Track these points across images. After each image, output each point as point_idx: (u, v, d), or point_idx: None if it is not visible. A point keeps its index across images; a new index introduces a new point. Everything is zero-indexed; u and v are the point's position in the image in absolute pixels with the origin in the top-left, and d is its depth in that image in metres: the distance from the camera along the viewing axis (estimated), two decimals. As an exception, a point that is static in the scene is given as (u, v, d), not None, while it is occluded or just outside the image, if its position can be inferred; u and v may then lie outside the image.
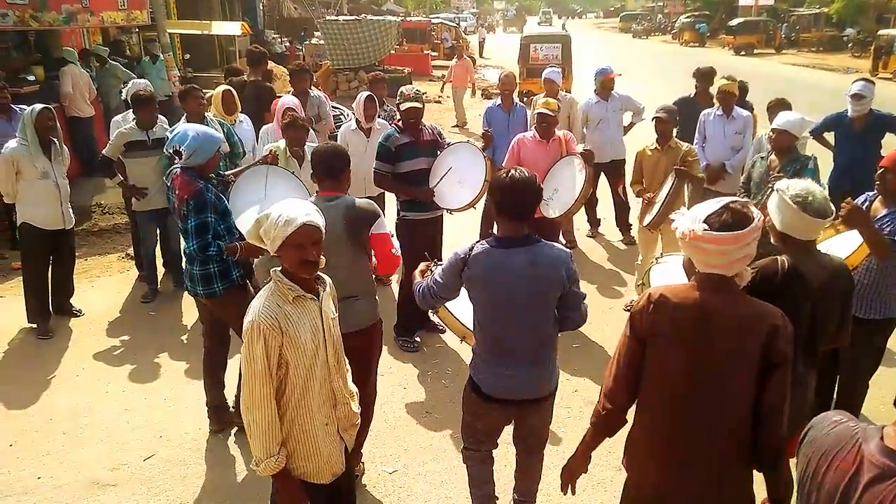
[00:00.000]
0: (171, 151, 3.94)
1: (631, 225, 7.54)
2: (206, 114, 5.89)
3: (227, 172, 4.80)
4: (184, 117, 5.79)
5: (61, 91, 9.59)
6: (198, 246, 3.79)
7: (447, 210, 5.20)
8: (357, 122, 6.12)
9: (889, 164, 3.57)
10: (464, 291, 3.02)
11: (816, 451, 1.62)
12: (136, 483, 3.87)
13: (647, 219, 5.39)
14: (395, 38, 20.00)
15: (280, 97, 6.35)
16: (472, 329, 3.19)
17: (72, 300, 6.00)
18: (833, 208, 2.83)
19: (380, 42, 18.42)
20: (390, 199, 5.99)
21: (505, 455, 3.54)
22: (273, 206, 2.47)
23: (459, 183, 5.06)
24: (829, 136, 6.49)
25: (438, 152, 5.21)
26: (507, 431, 3.28)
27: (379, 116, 6.24)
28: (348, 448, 2.78)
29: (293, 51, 22.91)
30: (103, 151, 5.92)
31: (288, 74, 7.34)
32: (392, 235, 3.60)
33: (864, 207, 3.68)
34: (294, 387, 2.49)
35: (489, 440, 3.26)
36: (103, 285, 6.61)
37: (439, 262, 3.40)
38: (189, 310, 5.98)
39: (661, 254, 3.84)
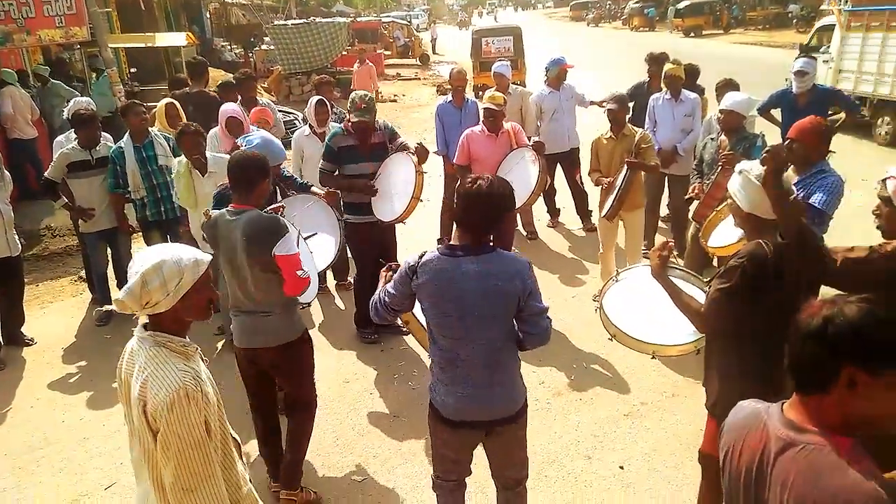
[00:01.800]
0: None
1: (591, 212, 7.58)
2: (150, 129, 5.75)
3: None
4: (127, 134, 5.64)
5: (1, 113, 9.30)
6: None
7: (378, 220, 5.06)
8: (310, 127, 6.04)
9: (795, 134, 3.80)
10: None
11: (731, 436, 1.66)
12: (98, 513, 3.76)
13: (604, 209, 5.39)
14: (346, 39, 19.84)
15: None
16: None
17: (23, 329, 5.80)
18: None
19: (330, 44, 18.30)
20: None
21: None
22: (149, 255, 2.06)
23: (396, 195, 4.98)
24: (777, 114, 6.63)
25: (388, 155, 5.14)
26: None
27: (329, 120, 6.17)
28: None
29: (245, 58, 22.59)
30: (46, 174, 5.75)
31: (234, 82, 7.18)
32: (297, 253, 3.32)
33: None
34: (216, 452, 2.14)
35: (458, 468, 3.02)
36: (56, 311, 6.42)
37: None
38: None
39: (618, 272, 3.77)
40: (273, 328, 3.40)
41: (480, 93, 11.70)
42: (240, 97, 6.81)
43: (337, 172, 5.04)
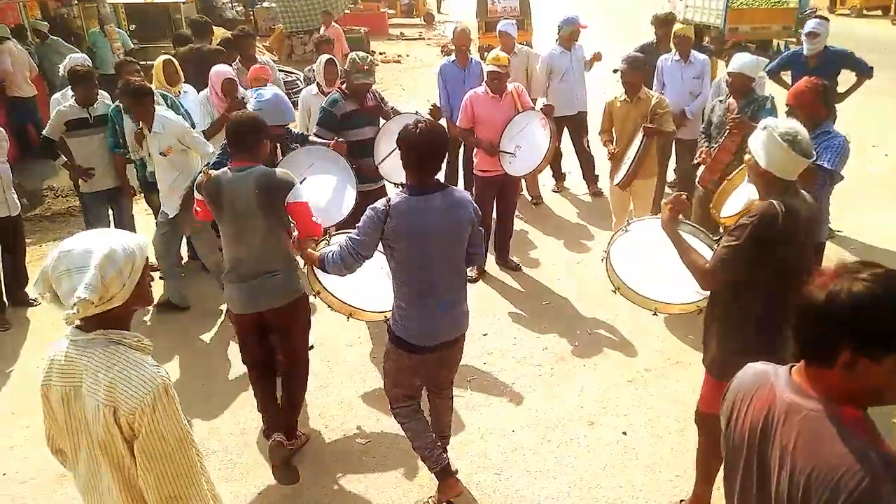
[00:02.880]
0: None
1: (597, 177, 7.49)
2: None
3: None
4: None
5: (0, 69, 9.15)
6: None
7: (395, 184, 4.98)
8: (318, 86, 5.93)
9: (791, 99, 3.95)
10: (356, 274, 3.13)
11: (737, 395, 1.64)
12: (104, 473, 3.78)
13: (617, 177, 5.28)
14: (349, -3, 19.44)
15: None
16: (356, 306, 3.40)
17: (27, 289, 5.80)
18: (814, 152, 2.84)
19: (333, 2, 17.91)
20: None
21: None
22: (90, 245, 1.82)
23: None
24: (787, 76, 6.47)
25: (382, 120, 5.11)
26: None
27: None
28: None
29: (247, 16, 22.17)
30: (44, 132, 5.66)
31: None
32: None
33: None
34: None
35: (417, 392, 3.38)
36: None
37: (333, 234, 3.39)
38: (154, 289, 5.83)
39: (628, 222, 3.79)
40: (280, 287, 3.47)
41: (485, 53, 11.46)
42: (238, 55, 6.69)
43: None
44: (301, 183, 3.62)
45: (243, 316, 3.54)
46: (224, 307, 5.23)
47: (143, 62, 7.38)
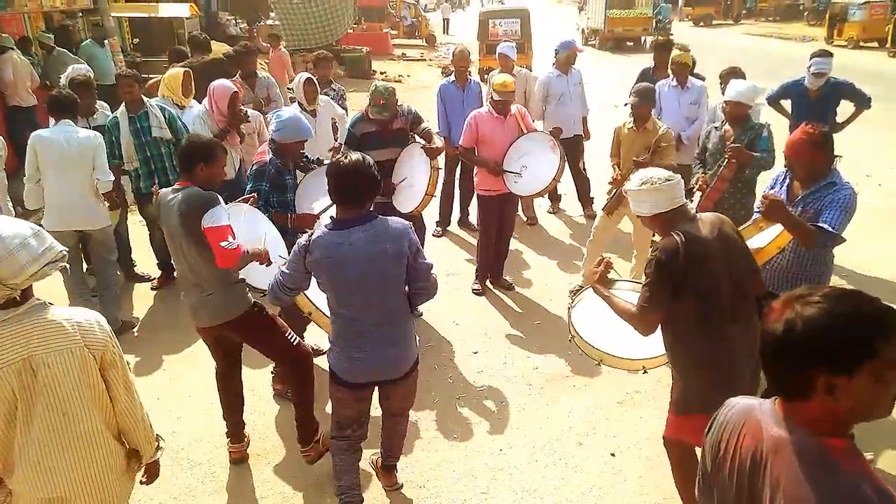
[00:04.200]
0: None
1: (592, 199, 7.52)
2: (145, 100, 5.68)
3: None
4: (122, 104, 5.58)
5: (2, 79, 9.19)
6: None
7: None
8: (300, 104, 5.95)
9: (787, 152, 3.55)
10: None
11: (724, 428, 1.62)
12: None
13: (606, 203, 5.33)
14: (352, 16, 19.65)
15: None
16: (321, 309, 3.33)
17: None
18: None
19: (335, 21, 18.11)
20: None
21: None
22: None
23: (411, 187, 5.04)
24: (787, 104, 6.47)
25: (409, 141, 5.14)
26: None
27: (327, 94, 6.13)
28: None
29: (250, 32, 22.35)
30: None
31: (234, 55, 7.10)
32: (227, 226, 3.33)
33: (783, 188, 3.65)
34: None
35: (358, 427, 3.25)
36: (50, 280, 6.34)
37: (282, 257, 3.39)
38: (140, 302, 5.82)
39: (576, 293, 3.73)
40: (215, 306, 3.47)
41: (486, 75, 11.57)
42: (239, 71, 6.75)
43: None
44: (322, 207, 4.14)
45: (200, 328, 3.64)
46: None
47: (146, 75, 7.44)
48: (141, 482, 2.56)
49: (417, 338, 3.23)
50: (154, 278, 6.10)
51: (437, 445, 3.99)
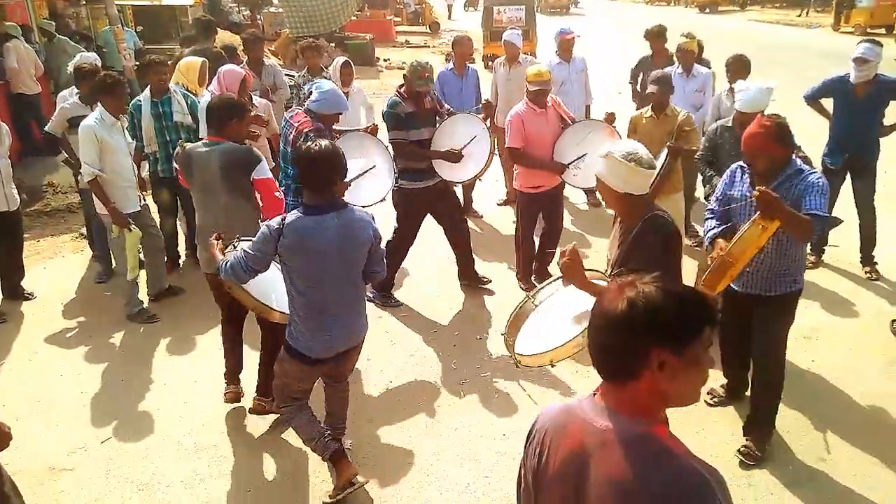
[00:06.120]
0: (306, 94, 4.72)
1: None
2: (171, 85, 5.71)
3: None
4: (147, 89, 5.63)
5: (6, 67, 9.20)
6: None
7: (455, 182, 5.45)
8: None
9: (744, 148, 3.39)
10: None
11: (545, 431, 1.58)
12: (94, 467, 3.79)
13: None
14: (356, 3, 19.54)
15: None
16: (268, 305, 3.44)
17: (23, 283, 5.81)
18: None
19: (339, 8, 18.01)
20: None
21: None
22: None
23: (468, 155, 5.15)
24: (828, 103, 5.83)
25: (438, 120, 5.25)
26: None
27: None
28: None
29: (253, 19, 22.31)
30: (46, 128, 5.71)
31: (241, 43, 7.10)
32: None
33: (743, 185, 3.51)
34: None
35: (305, 394, 3.49)
36: (56, 267, 6.41)
37: (243, 239, 3.43)
38: (145, 288, 5.84)
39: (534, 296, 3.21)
40: None
41: (490, 62, 11.52)
42: (246, 57, 6.75)
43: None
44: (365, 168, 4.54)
45: (208, 273, 3.95)
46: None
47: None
48: None
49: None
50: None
51: (441, 430, 4.02)
